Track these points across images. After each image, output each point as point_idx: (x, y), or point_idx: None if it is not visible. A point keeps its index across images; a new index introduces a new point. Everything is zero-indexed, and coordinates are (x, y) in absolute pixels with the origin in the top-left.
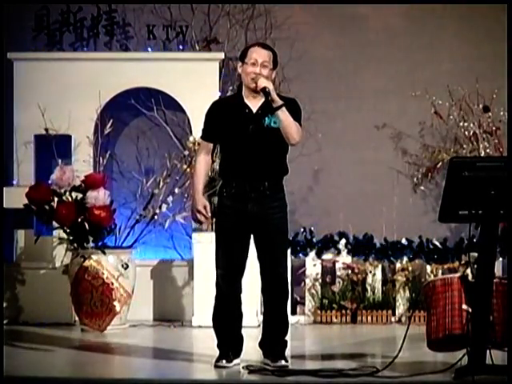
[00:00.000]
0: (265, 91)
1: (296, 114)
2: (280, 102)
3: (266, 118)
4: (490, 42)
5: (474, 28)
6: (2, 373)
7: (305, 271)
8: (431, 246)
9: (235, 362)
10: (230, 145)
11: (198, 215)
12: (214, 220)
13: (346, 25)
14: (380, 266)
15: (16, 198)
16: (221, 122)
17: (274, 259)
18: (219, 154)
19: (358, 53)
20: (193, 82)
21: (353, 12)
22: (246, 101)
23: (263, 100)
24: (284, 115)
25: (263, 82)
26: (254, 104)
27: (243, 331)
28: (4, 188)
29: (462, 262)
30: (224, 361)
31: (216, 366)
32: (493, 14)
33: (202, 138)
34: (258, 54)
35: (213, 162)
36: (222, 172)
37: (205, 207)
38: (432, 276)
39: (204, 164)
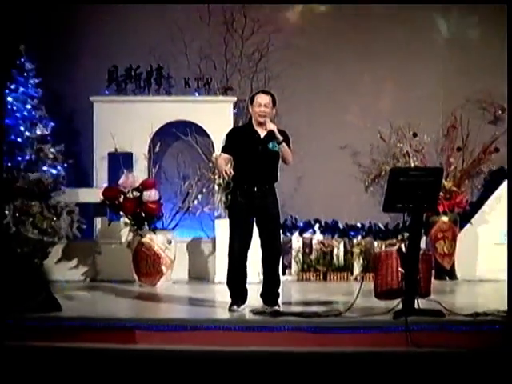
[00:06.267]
0: (271, 132)
1: (288, 142)
2: (281, 139)
3: (271, 143)
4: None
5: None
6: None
7: (291, 245)
8: (377, 228)
9: (242, 307)
10: (244, 159)
11: (225, 171)
12: (228, 212)
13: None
14: (342, 242)
15: (95, 195)
16: (238, 143)
17: (272, 237)
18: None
19: (318, 94)
20: (215, 117)
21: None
22: (255, 129)
23: (267, 131)
24: (284, 148)
25: (270, 126)
26: (261, 132)
27: (248, 286)
28: (86, 189)
29: (399, 239)
30: (235, 306)
31: (230, 310)
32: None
33: (222, 151)
34: (262, 99)
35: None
36: (237, 179)
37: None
38: (378, 249)
39: (224, 161)
